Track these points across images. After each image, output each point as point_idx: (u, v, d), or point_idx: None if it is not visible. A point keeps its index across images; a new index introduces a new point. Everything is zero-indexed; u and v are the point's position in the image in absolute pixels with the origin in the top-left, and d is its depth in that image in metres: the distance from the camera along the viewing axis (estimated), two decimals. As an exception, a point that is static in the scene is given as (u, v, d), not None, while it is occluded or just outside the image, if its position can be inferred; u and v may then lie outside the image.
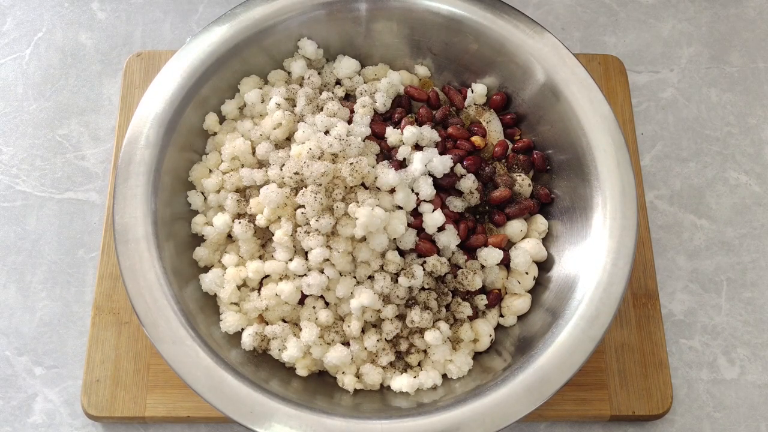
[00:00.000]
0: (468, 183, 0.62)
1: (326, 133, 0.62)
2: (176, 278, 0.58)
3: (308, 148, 0.60)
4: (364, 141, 0.62)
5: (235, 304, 0.61)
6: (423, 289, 0.60)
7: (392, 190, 0.60)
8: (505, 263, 0.62)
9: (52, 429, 0.63)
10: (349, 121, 0.65)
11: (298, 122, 0.64)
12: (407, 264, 0.59)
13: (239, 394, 0.53)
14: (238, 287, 0.61)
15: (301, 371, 0.60)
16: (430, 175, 0.62)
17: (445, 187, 0.63)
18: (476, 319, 0.62)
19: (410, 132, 0.63)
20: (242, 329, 0.60)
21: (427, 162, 0.61)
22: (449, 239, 0.60)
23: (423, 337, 0.59)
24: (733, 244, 0.71)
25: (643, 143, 0.75)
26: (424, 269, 0.60)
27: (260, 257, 0.62)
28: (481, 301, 0.62)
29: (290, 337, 0.59)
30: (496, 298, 0.62)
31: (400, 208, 0.60)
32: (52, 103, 0.75)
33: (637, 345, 0.65)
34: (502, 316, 0.62)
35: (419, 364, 0.61)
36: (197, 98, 0.63)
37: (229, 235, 0.63)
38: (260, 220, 0.60)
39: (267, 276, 0.61)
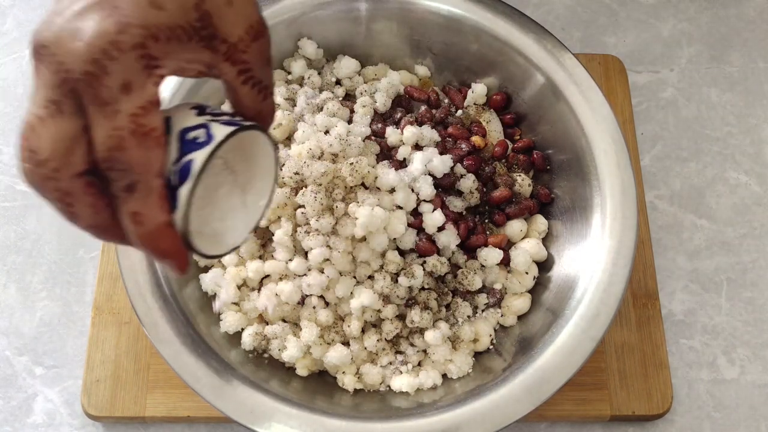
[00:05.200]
0: (468, 183, 0.62)
1: (326, 133, 0.62)
2: (176, 278, 0.58)
3: (308, 148, 0.60)
4: (364, 141, 0.62)
5: (235, 304, 0.61)
6: (423, 289, 0.60)
7: (392, 190, 0.60)
8: (505, 263, 0.62)
9: (52, 429, 0.63)
10: (349, 121, 0.65)
11: (298, 122, 0.64)
12: (407, 264, 0.59)
13: (239, 394, 0.53)
14: (238, 287, 0.61)
15: (301, 371, 0.60)
16: (430, 175, 0.62)
17: (445, 187, 0.63)
18: (476, 319, 0.62)
19: (410, 132, 0.63)
20: (242, 329, 0.60)
21: (427, 162, 0.61)
22: (449, 239, 0.60)
23: (423, 337, 0.59)
24: (733, 244, 0.71)
25: (643, 143, 0.75)
26: (424, 269, 0.60)
27: (260, 257, 0.62)
28: (482, 301, 0.62)
29: (290, 337, 0.59)
30: (496, 298, 0.62)
31: (400, 208, 0.60)
32: (52, 103, 0.75)
33: (637, 345, 0.65)
34: (502, 316, 0.62)
35: (419, 364, 0.60)
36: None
37: (229, 235, 0.63)
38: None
39: (267, 276, 0.61)
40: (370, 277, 0.60)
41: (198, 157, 0.37)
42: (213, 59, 0.38)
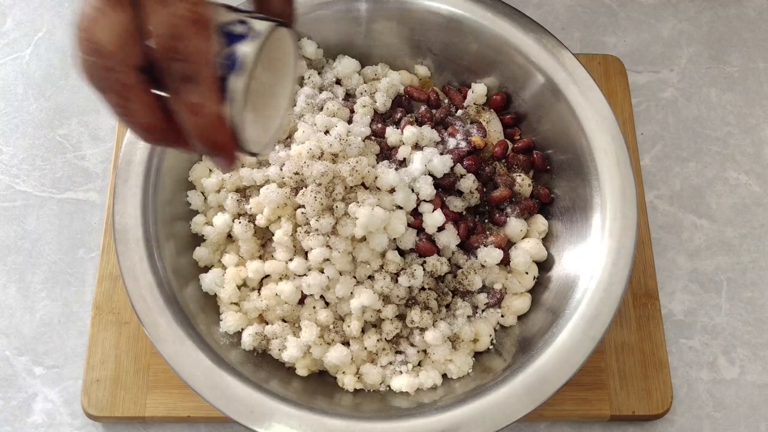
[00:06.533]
0: (468, 183, 0.62)
1: (326, 133, 0.62)
2: (176, 278, 0.58)
3: (308, 148, 0.60)
4: (364, 141, 0.62)
5: (235, 304, 0.61)
6: (423, 289, 0.60)
7: (392, 190, 0.60)
8: (505, 263, 0.62)
9: (52, 429, 0.63)
10: (349, 121, 0.65)
11: (298, 122, 0.64)
12: (407, 264, 0.59)
13: (239, 394, 0.53)
14: (238, 287, 0.61)
15: (301, 371, 0.60)
16: (430, 175, 0.62)
17: (445, 187, 0.63)
18: (476, 319, 0.62)
19: (410, 132, 0.63)
20: (242, 329, 0.60)
21: (427, 162, 0.61)
22: (449, 239, 0.60)
23: (423, 337, 0.59)
24: (733, 244, 0.71)
25: (643, 143, 0.75)
26: (424, 269, 0.60)
27: (260, 257, 0.62)
28: (482, 301, 0.62)
29: (290, 337, 0.59)
30: (496, 298, 0.62)
31: (400, 208, 0.60)
32: (52, 103, 0.75)
33: (637, 345, 0.65)
34: (502, 316, 0.62)
35: (419, 364, 0.60)
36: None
37: (229, 235, 0.63)
38: (260, 220, 0.60)
39: (267, 276, 0.61)
40: (370, 277, 0.60)
41: (249, 49, 0.38)
42: None
